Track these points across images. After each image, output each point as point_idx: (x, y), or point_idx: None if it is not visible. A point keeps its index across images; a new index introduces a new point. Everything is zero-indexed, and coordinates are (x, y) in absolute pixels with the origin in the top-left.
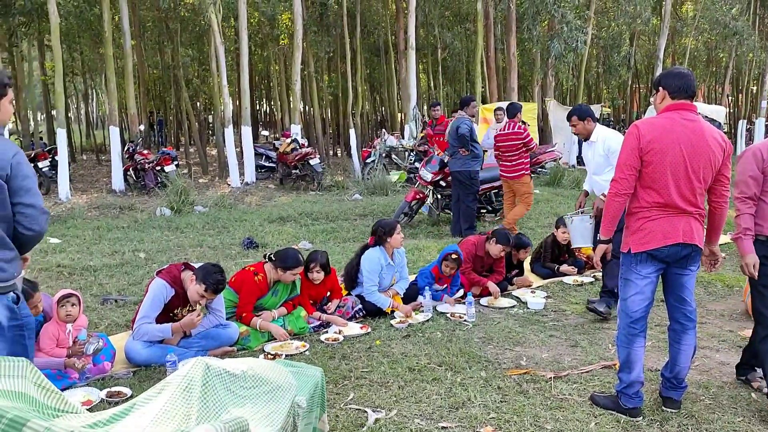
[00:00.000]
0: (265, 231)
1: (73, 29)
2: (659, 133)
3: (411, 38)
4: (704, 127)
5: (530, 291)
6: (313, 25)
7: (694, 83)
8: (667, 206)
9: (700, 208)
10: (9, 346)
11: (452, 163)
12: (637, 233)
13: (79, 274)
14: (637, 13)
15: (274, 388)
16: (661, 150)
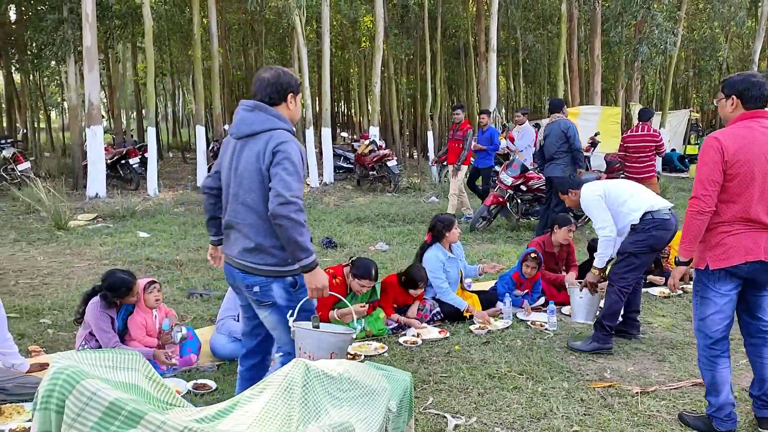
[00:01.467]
0: (343, 231)
1: (164, 32)
2: (742, 144)
3: (492, 40)
4: None
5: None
6: (394, 27)
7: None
8: (751, 221)
9: None
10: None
11: (551, 169)
12: (715, 249)
13: (166, 268)
14: (732, 15)
15: (370, 392)
16: (747, 161)
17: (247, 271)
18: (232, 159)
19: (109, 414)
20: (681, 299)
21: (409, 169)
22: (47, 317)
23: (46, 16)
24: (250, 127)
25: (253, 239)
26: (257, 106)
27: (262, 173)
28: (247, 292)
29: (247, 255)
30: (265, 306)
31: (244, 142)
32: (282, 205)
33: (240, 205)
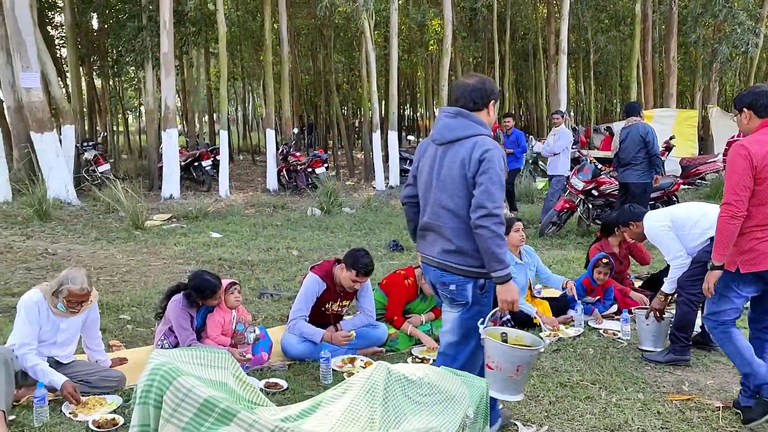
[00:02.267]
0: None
1: (236, 37)
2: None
3: (563, 42)
4: None
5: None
6: (462, 30)
7: None
8: None
9: None
10: (468, 321)
11: (628, 174)
12: (747, 253)
13: (238, 268)
14: None
15: (449, 398)
16: None
17: (445, 269)
18: (433, 164)
19: (203, 410)
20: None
21: None
22: (126, 313)
23: (127, 24)
24: (453, 132)
25: (454, 242)
26: (459, 113)
27: (467, 179)
28: (442, 289)
29: (446, 255)
30: (458, 305)
31: (446, 147)
32: (484, 217)
33: (442, 209)
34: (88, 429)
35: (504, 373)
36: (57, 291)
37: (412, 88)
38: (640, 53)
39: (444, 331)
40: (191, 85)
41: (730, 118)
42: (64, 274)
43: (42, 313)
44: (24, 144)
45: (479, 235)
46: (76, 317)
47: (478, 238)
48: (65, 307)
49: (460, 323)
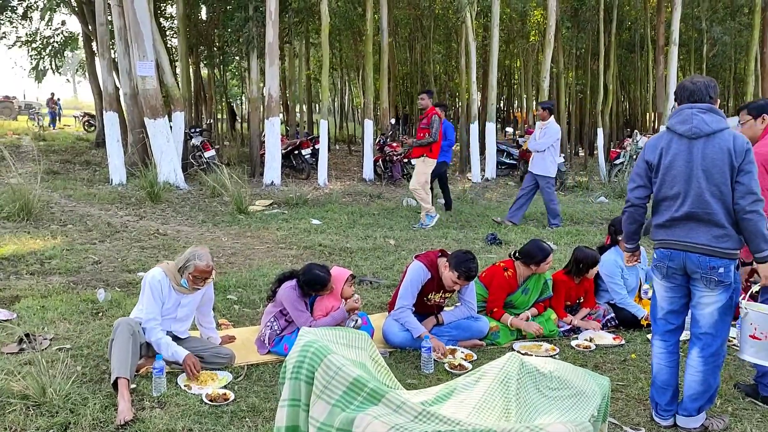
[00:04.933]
0: (507, 228)
1: (336, 27)
2: None
3: (674, 33)
4: None
5: None
6: (566, 20)
7: None
8: None
9: None
10: (729, 300)
11: None
12: None
13: (337, 255)
14: None
15: (579, 393)
16: None
17: (712, 254)
18: (690, 158)
19: (352, 389)
20: None
21: (576, 168)
22: (233, 294)
23: (234, 15)
24: (710, 126)
25: (724, 226)
26: (711, 109)
27: (733, 167)
28: (708, 273)
29: (715, 241)
30: (723, 285)
31: (704, 141)
32: (755, 202)
33: (712, 198)
34: (201, 401)
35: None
36: (183, 267)
37: (509, 79)
38: (759, 45)
39: (704, 314)
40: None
41: None
42: (190, 251)
43: (164, 290)
44: (138, 129)
45: (748, 220)
46: (194, 295)
47: (747, 223)
48: (190, 283)
49: (725, 302)
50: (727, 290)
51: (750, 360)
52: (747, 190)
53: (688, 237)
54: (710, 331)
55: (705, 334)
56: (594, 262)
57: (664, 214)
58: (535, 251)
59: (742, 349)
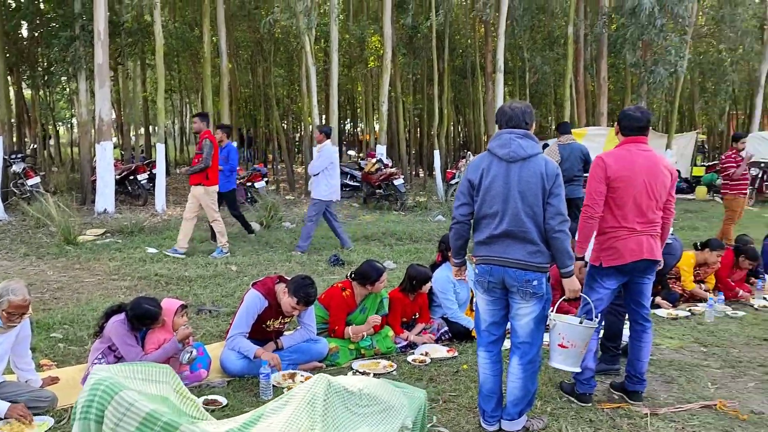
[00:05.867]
0: (350, 249)
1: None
2: (623, 164)
3: (499, 61)
4: (656, 155)
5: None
6: (402, 47)
7: (645, 120)
8: (632, 227)
9: (657, 226)
10: (543, 311)
11: (572, 190)
12: (607, 251)
13: (175, 284)
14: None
15: (388, 408)
16: (627, 177)
17: (527, 268)
18: (508, 179)
19: (145, 424)
20: (689, 321)
21: (416, 188)
22: (58, 331)
23: (59, 33)
24: (526, 151)
25: (537, 243)
26: (526, 134)
27: (545, 190)
28: (524, 286)
29: (529, 256)
30: (537, 297)
31: (520, 164)
32: (563, 222)
33: (526, 217)
34: None
35: (577, 350)
36: None
37: (352, 102)
38: (573, 73)
39: (521, 324)
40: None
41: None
42: (3, 285)
43: None
44: None
45: (557, 238)
46: (8, 334)
47: (555, 241)
48: (4, 320)
49: (539, 313)
50: (540, 301)
51: (559, 367)
52: (556, 212)
53: (505, 253)
54: (527, 339)
55: (523, 343)
56: (426, 279)
57: (484, 231)
58: (370, 271)
59: (552, 357)
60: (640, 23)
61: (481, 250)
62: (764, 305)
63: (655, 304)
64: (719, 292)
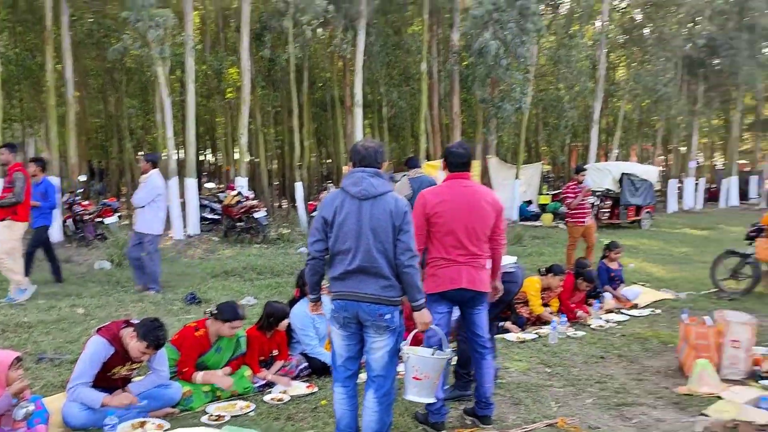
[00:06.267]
0: (208, 286)
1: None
2: (443, 198)
3: (357, 95)
4: (478, 190)
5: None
6: (261, 79)
7: (467, 157)
8: (453, 258)
9: (481, 258)
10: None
11: None
12: (432, 278)
13: (12, 331)
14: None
15: None
16: (446, 212)
17: (380, 302)
18: (360, 216)
19: None
20: (536, 343)
21: (278, 220)
22: None
23: None
24: (377, 189)
25: (389, 278)
26: (377, 173)
27: (395, 227)
28: (377, 320)
29: (382, 290)
30: (390, 330)
31: (371, 202)
32: (412, 258)
33: (377, 253)
34: None
35: (431, 381)
36: None
37: (212, 133)
38: (428, 107)
39: (376, 358)
40: None
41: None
42: None
43: None
44: None
45: (407, 273)
46: None
47: (405, 276)
48: None
49: (393, 346)
50: (393, 334)
51: (414, 399)
52: (406, 247)
53: (359, 288)
54: (382, 373)
55: (378, 376)
56: (284, 316)
57: (339, 267)
58: (227, 311)
59: (406, 390)
60: (487, 63)
61: (336, 286)
62: (600, 325)
63: (505, 329)
64: (562, 315)
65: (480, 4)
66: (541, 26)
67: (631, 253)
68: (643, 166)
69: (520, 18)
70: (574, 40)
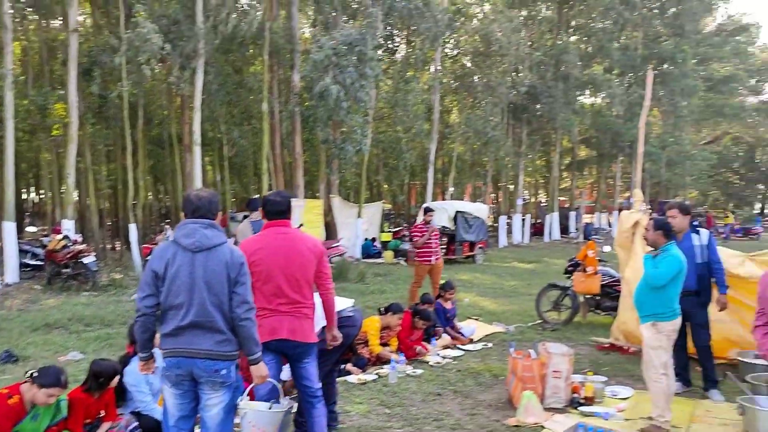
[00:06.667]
0: (27, 341)
1: None
2: (260, 246)
3: (196, 134)
4: (297, 237)
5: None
6: (91, 116)
7: (285, 205)
8: (274, 308)
9: (305, 307)
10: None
11: None
12: (259, 327)
13: None
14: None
15: None
16: (263, 261)
17: (216, 358)
18: (193, 269)
19: None
20: (376, 384)
21: (111, 264)
22: None
23: None
24: (211, 240)
25: (224, 332)
26: (212, 224)
27: (230, 279)
28: (213, 376)
29: (217, 345)
30: (226, 386)
31: (205, 254)
32: (249, 310)
33: (212, 306)
34: None
35: None
36: None
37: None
38: (270, 147)
39: (211, 415)
40: None
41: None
42: None
43: None
44: None
45: (244, 326)
46: None
47: (241, 329)
48: None
49: (229, 402)
50: (229, 390)
51: None
52: (242, 300)
53: (193, 344)
54: (218, 430)
55: None
56: (113, 374)
57: (171, 323)
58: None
59: None
60: (328, 105)
61: (168, 343)
62: (438, 361)
63: (346, 371)
64: (401, 353)
65: (320, 48)
66: (378, 71)
67: (467, 287)
68: (475, 205)
69: (358, 63)
70: (410, 85)
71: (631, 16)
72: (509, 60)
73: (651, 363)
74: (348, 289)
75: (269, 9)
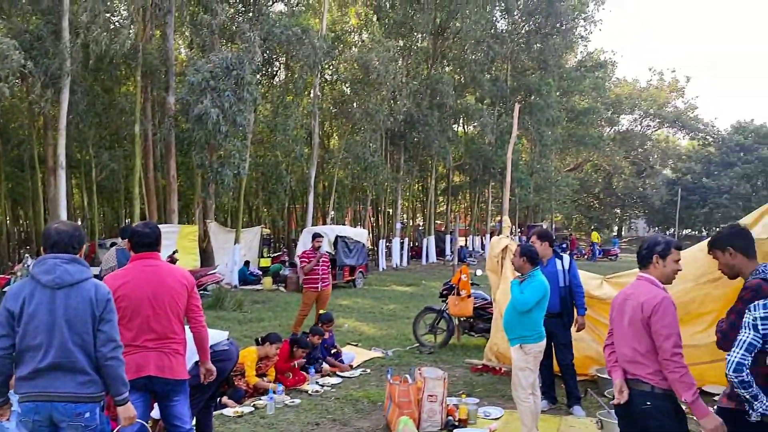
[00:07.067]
0: None
1: None
2: (123, 282)
3: (61, 156)
4: (165, 269)
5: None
6: None
7: (153, 237)
8: (142, 344)
9: (174, 342)
10: None
11: None
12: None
13: None
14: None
15: None
16: (128, 296)
17: (78, 401)
18: (53, 307)
19: None
20: (253, 416)
21: None
22: None
23: None
24: (73, 277)
25: (89, 373)
26: (74, 259)
27: (95, 316)
28: (75, 420)
29: (80, 387)
30: (90, 429)
31: (67, 291)
32: (115, 349)
33: (74, 346)
34: None
35: None
36: None
37: None
38: (143, 170)
39: None
40: None
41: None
42: None
43: None
44: None
45: (110, 366)
46: None
47: (108, 369)
48: None
49: None
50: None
51: None
52: (108, 338)
53: (52, 387)
54: None
55: None
56: None
57: (29, 365)
58: None
59: None
60: (206, 129)
61: (25, 387)
62: (317, 390)
63: (222, 404)
64: (279, 383)
65: (197, 71)
66: (257, 96)
67: (346, 312)
68: (354, 229)
69: (236, 87)
70: (289, 110)
71: (500, 49)
72: (387, 88)
73: (519, 384)
74: (225, 318)
75: (143, 29)
